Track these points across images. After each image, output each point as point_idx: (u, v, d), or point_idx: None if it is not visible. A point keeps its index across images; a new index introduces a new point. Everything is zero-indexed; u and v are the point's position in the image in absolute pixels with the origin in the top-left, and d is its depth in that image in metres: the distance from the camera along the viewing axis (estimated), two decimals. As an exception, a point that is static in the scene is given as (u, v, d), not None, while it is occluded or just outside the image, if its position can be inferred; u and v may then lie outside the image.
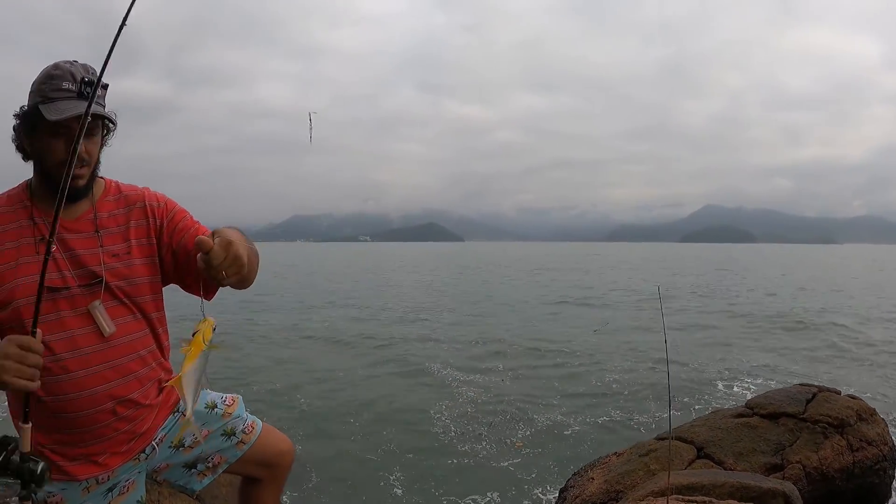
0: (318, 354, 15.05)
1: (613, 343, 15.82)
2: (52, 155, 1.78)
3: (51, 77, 1.76)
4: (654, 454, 4.77)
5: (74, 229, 1.87)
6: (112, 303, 1.88)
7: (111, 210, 1.96)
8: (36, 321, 1.61)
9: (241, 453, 2.22)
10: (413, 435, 8.66)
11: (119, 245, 1.92)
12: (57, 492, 1.87)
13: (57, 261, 1.79)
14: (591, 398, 10.46)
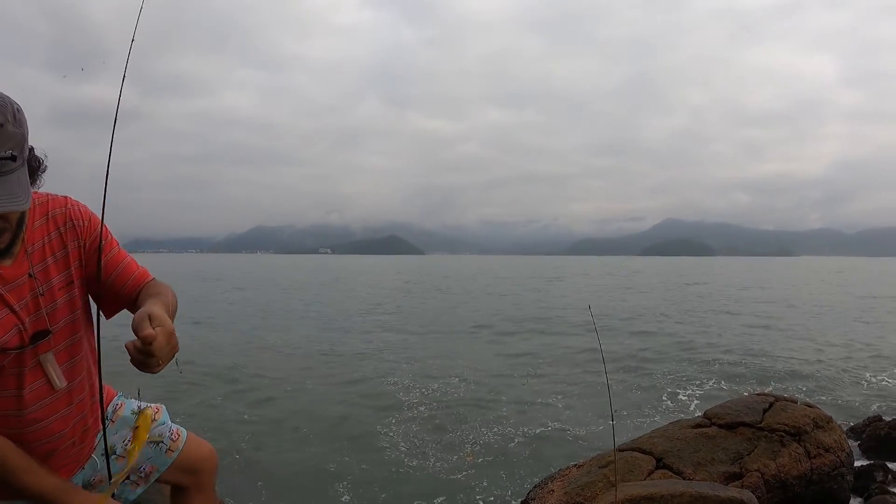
0: (267, 366, 14.84)
1: (564, 354, 15.91)
2: None
3: None
4: (613, 466, 4.75)
5: (12, 277, 1.69)
6: (60, 347, 1.81)
7: (42, 237, 1.79)
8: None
9: (171, 460, 2.19)
10: (361, 447, 8.59)
11: (58, 278, 1.80)
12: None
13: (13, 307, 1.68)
14: (545, 411, 10.45)
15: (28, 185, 1.52)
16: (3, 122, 1.41)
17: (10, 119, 1.44)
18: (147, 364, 1.49)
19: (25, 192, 1.49)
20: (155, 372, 1.54)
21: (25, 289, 1.70)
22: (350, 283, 57.50)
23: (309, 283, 59.87)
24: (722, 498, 3.63)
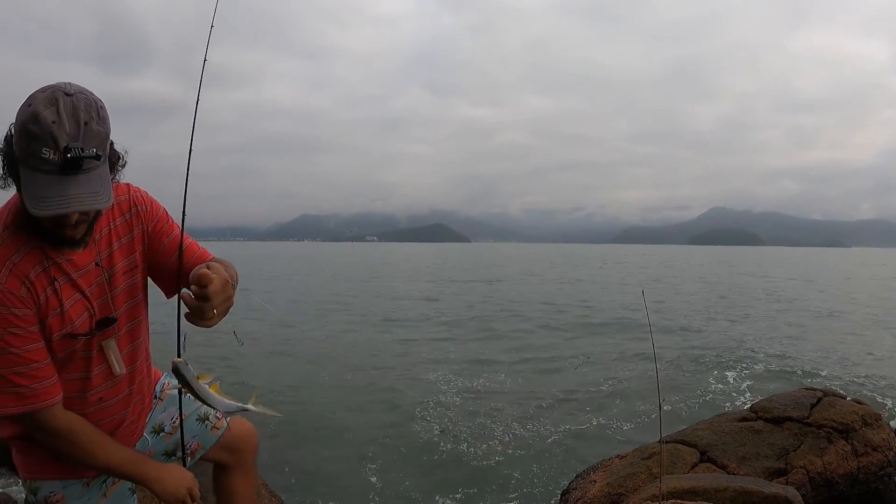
0: (306, 350, 15.09)
1: (612, 345, 15.78)
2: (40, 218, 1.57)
3: (29, 136, 1.44)
4: (657, 457, 4.75)
5: (83, 264, 1.76)
6: (122, 331, 1.89)
7: (108, 224, 1.84)
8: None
9: (215, 438, 2.27)
10: (396, 433, 8.69)
11: (122, 263, 1.86)
12: (58, 490, 1.91)
13: (85, 291, 1.76)
14: (590, 400, 10.42)
15: (110, 182, 1.58)
16: (88, 121, 1.46)
17: (95, 117, 1.49)
18: (202, 312, 1.51)
19: (108, 189, 1.55)
20: (210, 324, 1.56)
21: (92, 276, 1.77)
22: (400, 270, 57.71)
23: (357, 269, 60.42)
24: (766, 494, 3.61)
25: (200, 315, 1.51)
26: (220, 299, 1.53)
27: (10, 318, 1.60)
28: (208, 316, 1.52)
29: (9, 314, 1.60)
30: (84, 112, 1.46)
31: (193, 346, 1.79)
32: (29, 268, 1.63)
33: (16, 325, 1.61)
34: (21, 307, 1.61)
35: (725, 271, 60.61)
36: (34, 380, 1.65)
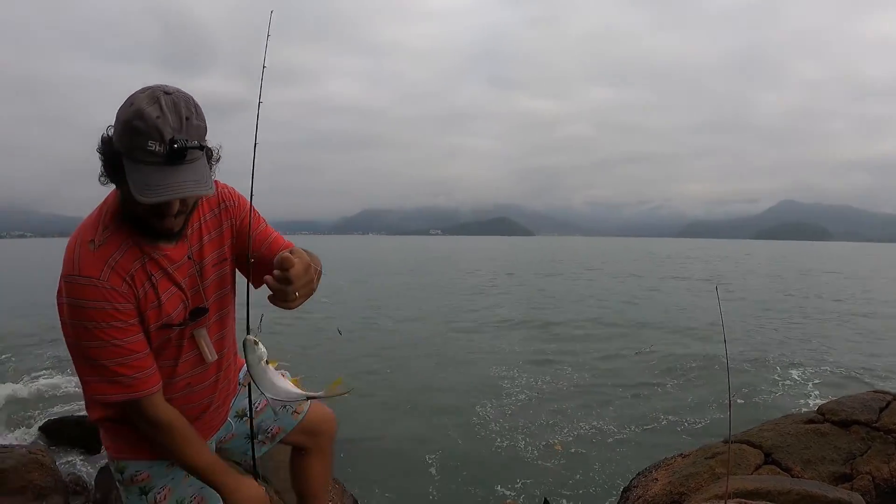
0: (377, 338, 15.32)
1: (674, 343, 15.58)
2: (140, 208, 1.66)
3: (134, 131, 1.52)
4: (720, 457, 4.76)
5: (178, 257, 1.86)
6: (211, 321, 1.99)
7: (198, 219, 1.93)
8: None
9: (296, 423, 2.35)
10: (456, 424, 8.79)
11: (211, 256, 1.96)
12: (144, 469, 2.00)
13: (180, 284, 1.87)
14: (653, 397, 10.37)
15: (210, 173, 1.69)
16: (189, 116, 1.56)
17: (194, 112, 1.59)
18: (285, 294, 1.59)
19: (209, 178, 1.66)
20: (291, 306, 1.63)
21: (185, 269, 1.88)
22: (465, 263, 57.77)
23: (425, 263, 60.73)
24: (830, 499, 3.60)
25: (283, 297, 1.60)
26: (302, 283, 1.61)
27: (114, 313, 1.70)
28: (290, 298, 1.60)
29: (112, 309, 1.70)
30: (184, 108, 1.56)
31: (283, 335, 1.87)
32: (129, 265, 1.74)
33: (118, 319, 1.71)
34: (123, 302, 1.72)
35: (793, 267, 58.83)
36: (136, 370, 1.75)
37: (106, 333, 1.71)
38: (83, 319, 1.70)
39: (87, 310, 1.69)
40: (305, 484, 2.50)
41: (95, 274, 1.69)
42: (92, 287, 1.68)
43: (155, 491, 2.01)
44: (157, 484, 2.02)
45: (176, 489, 2.05)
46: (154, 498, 2.01)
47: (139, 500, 2.02)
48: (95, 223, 1.77)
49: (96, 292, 1.68)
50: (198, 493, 2.11)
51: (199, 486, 2.09)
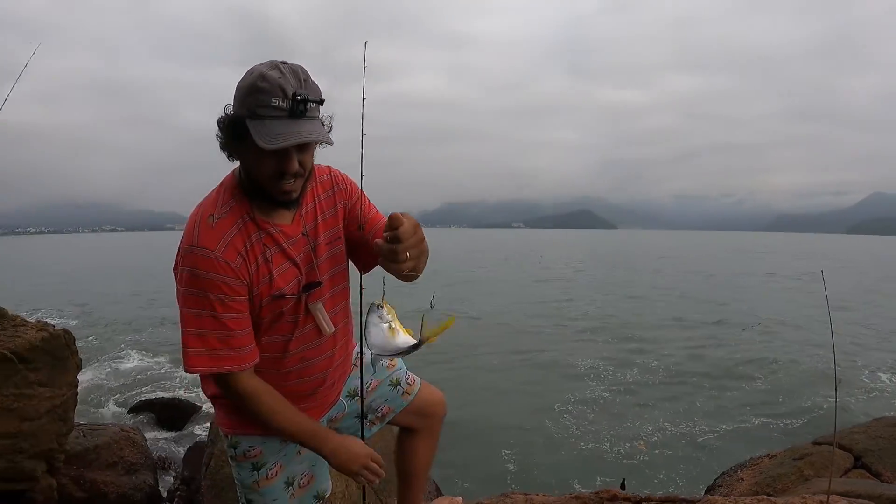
0: (461, 332, 15.45)
1: (765, 345, 15.14)
2: (261, 171, 1.75)
3: (259, 91, 1.64)
4: (809, 459, 4.67)
5: (293, 234, 1.92)
6: (325, 296, 2.02)
7: (312, 199, 2.01)
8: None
9: (406, 403, 2.36)
10: (537, 421, 8.78)
11: (325, 235, 2.02)
12: (257, 445, 2.04)
13: (294, 259, 1.92)
14: (742, 396, 10.16)
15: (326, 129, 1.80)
16: (306, 78, 1.68)
17: (309, 76, 1.70)
18: (395, 254, 1.57)
19: (328, 134, 1.75)
20: (403, 268, 1.59)
21: (300, 245, 1.94)
22: (549, 255, 57.42)
23: (509, 255, 60.63)
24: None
25: (393, 258, 1.58)
26: (412, 242, 1.58)
27: (222, 287, 1.76)
28: (400, 259, 1.57)
29: (221, 282, 1.76)
30: (301, 72, 1.68)
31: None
32: (244, 239, 1.81)
33: (225, 294, 1.76)
34: (233, 277, 1.77)
35: (888, 264, 56.09)
36: (229, 346, 1.79)
37: (209, 304, 1.77)
38: (192, 287, 1.77)
39: (198, 279, 1.76)
40: (410, 463, 2.51)
41: (212, 246, 1.76)
42: (206, 258, 1.75)
43: (267, 467, 2.06)
44: (270, 460, 2.07)
45: (287, 466, 2.11)
46: (266, 474, 2.06)
47: (251, 476, 2.07)
48: (215, 200, 1.85)
49: (209, 263, 1.75)
50: (308, 471, 2.18)
51: (310, 464, 2.17)
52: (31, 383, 4.09)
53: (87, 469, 5.27)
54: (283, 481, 2.11)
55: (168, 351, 15.61)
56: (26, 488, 4.31)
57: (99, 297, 28.70)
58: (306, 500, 2.19)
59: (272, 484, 2.09)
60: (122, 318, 21.23)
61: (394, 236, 1.56)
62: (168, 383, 12.78)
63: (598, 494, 2.65)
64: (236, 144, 1.76)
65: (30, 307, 20.90)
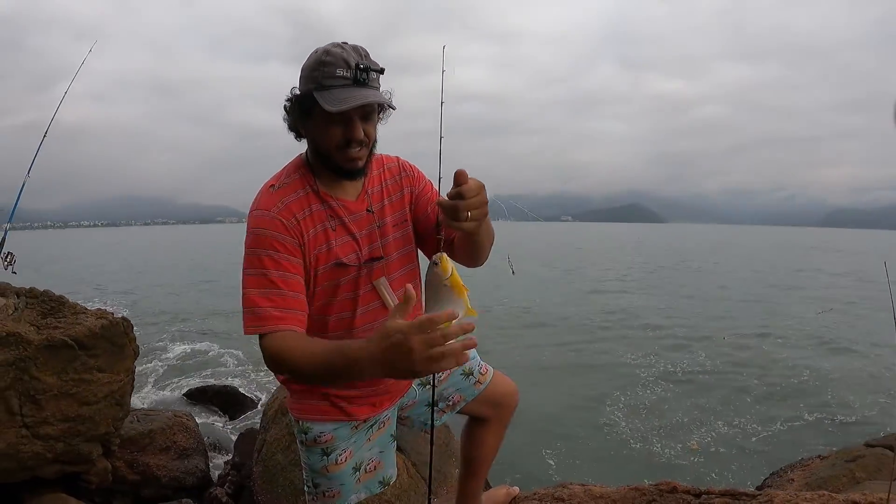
0: (509, 328, 15.39)
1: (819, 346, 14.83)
2: (328, 140, 1.82)
3: (323, 64, 1.75)
4: (861, 461, 4.58)
5: (356, 210, 1.97)
6: (394, 275, 2.04)
7: (379, 185, 2.06)
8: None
9: (478, 392, 2.36)
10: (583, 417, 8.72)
11: (392, 217, 2.06)
12: (329, 431, 2.06)
13: (355, 235, 1.95)
14: (799, 394, 9.97)
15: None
16: (366, 55, 1.79)
17: (368, 53, 1.81)
18: (456, 210, 1.59)
19: (389, 98, 1.86)
20: (465, 227, 1.61)
21: (364, 222, 1.98)
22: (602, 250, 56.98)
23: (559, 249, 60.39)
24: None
25: (455, 214, 1.60)
26: (475, 202, 1.60)
27: (274, 243, 1.80)
28: (462, 217, 1.59)
29: (273, 238, 1.80)
30: (361, 49, 1.79)
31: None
32: (302, 206, 1.88)
33: (276, 250, 1.79)
34: (285, 234, 1.82)
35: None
36: (273, 304, 1.76)
37: (260, 260, 1.80)
38: (249, 246, 1.84)
39: (255, 236, 1.82)
40: (478, 452, 2.51)
41: (269, 207, 1.84)
42: (262, 216, 1.83)
43: (336, 453, 2.08)
44: (340, 446, 2.09)
45: (357, 452, 2.13)
46: (335, 459, 2.08)
47: (320, 461, 2.09)
48: (280, 174, 1.94)
49: (265, 221, 1.82)
50: (376, 458, 2.20)
51: (379, 450, 2.20)
52: (91, 369, 4.23)
53: (141, 453, 5.43)
54: (351, 467, 2.13)
55: (219, 340, 15.99)
56: (82, 470, 4.46)
57: (148, 287, 29.43)
58: (371, 486, 2.22)
59: (341, 469, 2.11)
60: (176, 308, 21.77)
61: (458, 192, 1.58)
62: (220, 371, 13.10)
63: (658, 486, 2.63)
64: (304, 120, 1.85)
65: (82, 297, 21.58)
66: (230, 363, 13.83)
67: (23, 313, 4.37)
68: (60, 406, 4.05)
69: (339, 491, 2.14)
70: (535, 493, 2.89)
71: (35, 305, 4.57)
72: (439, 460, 4.91)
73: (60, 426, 4.07)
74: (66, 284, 24.89)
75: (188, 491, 5.51)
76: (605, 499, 2.65)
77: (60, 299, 4.74)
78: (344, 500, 2.15)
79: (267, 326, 1.76)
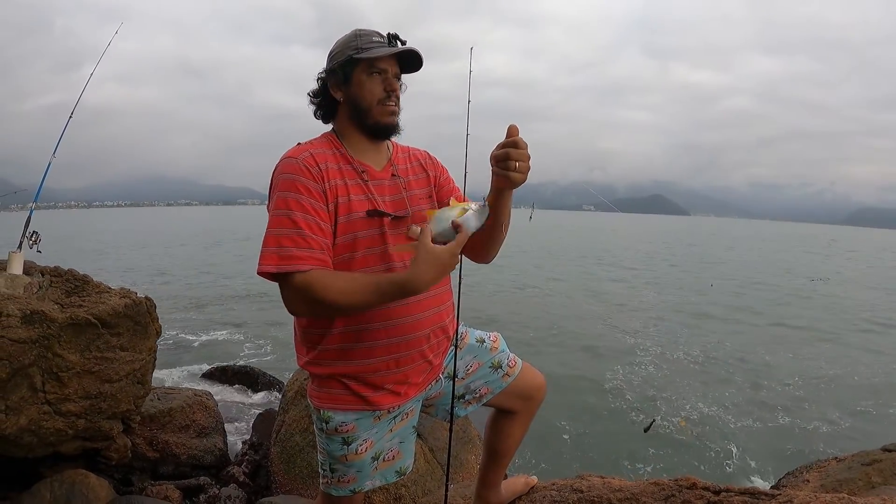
0: (522, 308, 15.32)
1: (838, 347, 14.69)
2: (370, 94, 1.97)
3: (359, 35, 1.96)
4: (878, 465, 4.53)
5: (380, 177, 2.06)
6: None
7: (404, 164, 2.16)
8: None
9: (505, 385, 2.38)
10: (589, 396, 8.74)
11: (418, 191, 2.14)
12: (351, 421, 2.06)
13: (376, 197, 2.01)
14: (812, 394, 9.91)
15: None
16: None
17: None
18: (508, 160, 1.78)
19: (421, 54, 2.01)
20: (512, 175, 1.79)
21: (389, 188, 2.06)
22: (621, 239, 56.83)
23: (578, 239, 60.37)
24: None
25: (505, 163, 1.78)
26: (524, 154, 1.79)
27: (298, 185, 1.87)
28: (511, 166, 1.78)
29: (297, 181, 1.87)
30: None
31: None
32: (327, 158, 1.97)
33: (300, 192, 1.86)
34: (310, 179, 1.89)
35: None
36: (296, 244, 1.81)
37: (286, 202, 1.86)
38: (276, 189, 1.91)
39: (281, 180, 1.90)
40: (504, 443, 2.53)
41: (296, 154, 1.94)
42: (289, 162, 1.93)
43: (357, 443, 2.10)
44: (361, 436, 2.10)
45: (377, 443, 2.15)
46: (356, 449, 2.10)
47: (340, 449, 2.10)
48: (310, 140, 2.07)
49: (291, 166, 1.91)
50: (396, 448, 2.23)
51: (399, 441, 2.23)
52: (113, 347, 4.29)
53: (161, 431, 5.51)
54: (370, 456, 2.15)
55: (239, 323, 16.17)
56: (103, 447, 4.54)
57: (178, 270, 29.72)
58: (388, 474, 2.25)
59: (360, 458, 2.13)
60: (197, 293, 21.95)
61: (513, 142, 1.78)
62: (240, 351, 13.26)
63: (677, 482, 2.63)
64: (345, 86, 2.00)
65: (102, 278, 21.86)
66: (248, 344, 14.04)
67: (47, 292, 4.44)
68: (83, 383, 4.12)
69: (356, 477, 2.17)
70: (554, 483, 2.90)
71: (59, 284, 4.64)
72: (456, 447, 4.93)
73: (82, 403, 4.14)
74: (88, 263, 25.19)
75: (206, 469, 5.58)
76: (623, 492, 2.66)
77: (85, 278, 4.81)
78: (359, 486, 2.18)
79: (292, 265, 1.81)
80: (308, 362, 2.08)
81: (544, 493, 2.81)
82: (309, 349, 2.08)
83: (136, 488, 4.95)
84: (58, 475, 4.21)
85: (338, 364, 2.03)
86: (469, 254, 2.15)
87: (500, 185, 1.86)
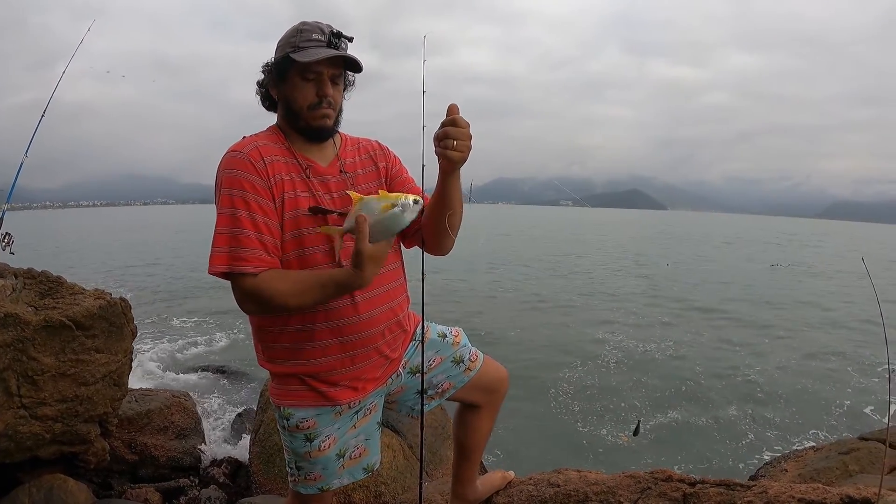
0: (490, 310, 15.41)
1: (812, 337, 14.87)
2: (302, 98, 1.94)
3: (300, 31, 1.92)
4: (855, 454, 4.61)
5: (326, 173, 2.04)
6: None
7: (353, 157, 2.14)
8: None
9: (467, 379, 2.39)
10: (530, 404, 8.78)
11: (365, 186, 2.09)
12: (311, 417, 2.07)
13: (320, 194, 2.00)
14: (788, 385, 10.01)
15: None
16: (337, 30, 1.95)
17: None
18: (447, 138, 1.82)
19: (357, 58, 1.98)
20: (449, 153, 1.83)
21: (335, 184, 2.04)
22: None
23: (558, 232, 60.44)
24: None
25: (445, 142, 1.82)
26: (464, 133, 1.82)
27: (244, 182, 1.86)
28: (450, 144, 1.82)
29: (243, 178, 1.86)
30: (332, 26, 1.95)
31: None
32: (272, 152, 1.95)
33: (245, 190, 1.85)
34: (255, 175, 1.86)
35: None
36: (244, 245, 1.82)
37: (231, 200, 1.85)
38: (221, 185, 1.90)
39: (225, 176, 1.89)
40: (472, 438, 2.55)
41: (240, 148, 1.93)
42: (233, 157, 1.91)
43: (320, 439, 2.10)
44: (323, 433, 2.10)
45: (341, 439, 2.15)
46: (319, 446, 2.10)
47: (303, 446, 2.10)
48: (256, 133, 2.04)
49: (235, 161, 1.89)
50: (361, 445, 2.23)
51: (364, 438, 2.22)
52: (89, 349, 4.23)
53: (139, 433, 5.46)
54: (335, 453, 2.15)
55: (216, 321, 16.04)
56: (80, 451, 4.48)
57: (157, 270, 29.48)
58: (356, 472, 2.24)
59: (324, 455, 2.13)
60: (177, 290, 21.79)
61: (452, 120, 1.81)
62: (217, 351, 13.17)
63: (653, 474, 2.66)
64: (279, 84, 1.98)
65: (79, 278, 21.64)
66: (225, 345, 13.90)
67: (21, 294, 4.37)
68: (58, 387, 4.06)
69: (322, 475, 2.16)
70: (531, 477, 2.91)
71: (33, 286, 4.57)
72: (434, 442, 4.94)
73: (58, 407, 4.08)
74: (63, 264, 24.91)
75: (186, 471, 5.54)
76: (599, 485, 2.67)
77: (58, 280, 4.74)
78: (326, 483, 2.18)
79: (242, 266, 1.82)
80: (265, 360, 2.11)
81: (521, 487, 2.82)
82: (265, 348, 2.10)
83: (116, 492, 4.90)
84: (36, 480, 4.15)
85: (293, 363, 2.05)
86: (423, 247, 2.18)
87: (442, 165, 1.89)
